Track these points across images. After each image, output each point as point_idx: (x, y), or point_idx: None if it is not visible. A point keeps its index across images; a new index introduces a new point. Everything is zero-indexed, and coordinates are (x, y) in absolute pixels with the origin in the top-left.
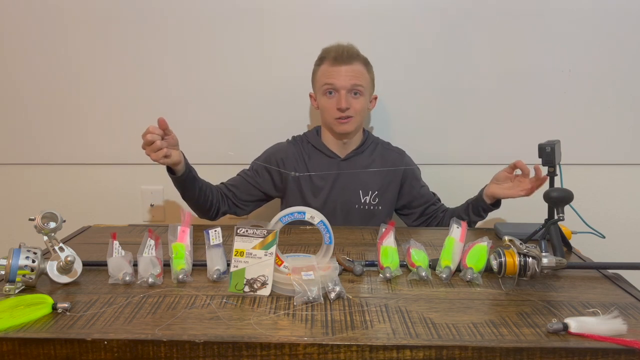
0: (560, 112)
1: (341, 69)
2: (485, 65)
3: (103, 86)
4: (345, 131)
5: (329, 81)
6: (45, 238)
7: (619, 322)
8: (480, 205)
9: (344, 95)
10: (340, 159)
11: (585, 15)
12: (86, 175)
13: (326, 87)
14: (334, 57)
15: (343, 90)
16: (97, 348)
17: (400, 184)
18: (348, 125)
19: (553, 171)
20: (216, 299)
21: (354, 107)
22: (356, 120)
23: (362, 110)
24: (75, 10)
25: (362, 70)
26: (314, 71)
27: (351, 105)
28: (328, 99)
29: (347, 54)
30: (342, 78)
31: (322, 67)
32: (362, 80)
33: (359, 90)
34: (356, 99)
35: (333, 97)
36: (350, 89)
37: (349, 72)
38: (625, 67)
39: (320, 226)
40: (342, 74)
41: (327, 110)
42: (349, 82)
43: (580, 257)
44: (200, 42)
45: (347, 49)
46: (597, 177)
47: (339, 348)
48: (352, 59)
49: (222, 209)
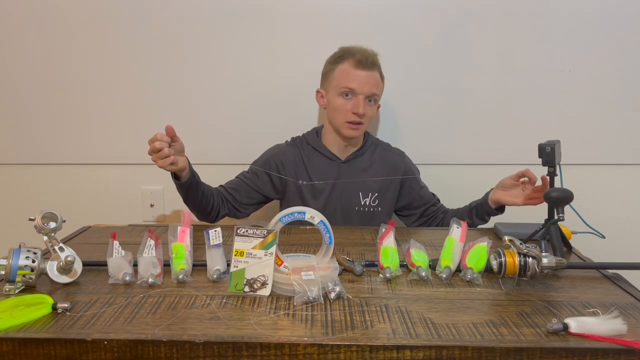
0: (560, 112)
1: (364, 74)
2: (485, 65)
3: (103, 86)
4: (353, 136)
5: (349, 85)
6: (45, 238)
7: (619, 322)
8: (485, 210)
9: (362, 101)
10: (341, 161)
11: (585, 16)
12: (86, 175)
13: (345, 89)
14: (358, 60)
15: (362, 96)
16: (97, 348)
17: (399, 186)
18: (357, 132)
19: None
20: (216, 299)
21: (367, 115)
22: (365, 127)
23: (372, 118)
24: (75, 10)
25: (379, 80)
26: (330, 69)
27: (367, 112)
28: (344, 101)
29: (371, 60)
30: (364, 84)
31: (343, 66)
32: (379, 89)
33: (374, 99)
34: (371, 106)
35: (350, 100)
36: (368, 96)
37: (371, 79)
38: (625, 67)
39: (320, 226)
40: (363, 79)
41: (340, 112)
42: (369, 89)
43: (580, 257)
44: (201, 42)
45: (371, 55)
46: (597, 177)
47: (339, 348)
48: (374, 66)
49: (222, 212)
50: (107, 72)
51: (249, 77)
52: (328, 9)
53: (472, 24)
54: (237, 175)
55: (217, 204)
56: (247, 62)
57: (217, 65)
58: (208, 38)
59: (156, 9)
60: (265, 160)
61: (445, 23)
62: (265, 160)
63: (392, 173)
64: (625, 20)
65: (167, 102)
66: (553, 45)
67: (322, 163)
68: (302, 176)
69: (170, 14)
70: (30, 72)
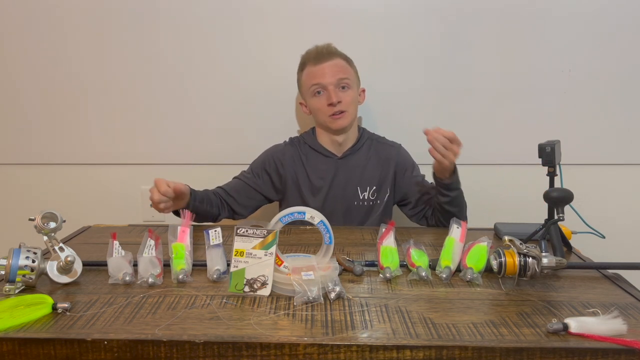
0: (560, 112)
1: (324, 65)
2: (485, 66)
3: (103, 86)
4: (341, 126)
5: (315, 81)
6: (45, 238)
7: (619, 322)
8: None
9: (332, 91)
10: (337, 158)
11: (585, 16)
12: (86, 175)
13: (314, 87)
14: (314, 57)
15: (331, 86)
16: (97, 348)
17: (394, 177)
18: (343, 120)
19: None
20: (216, 299)
21: (345, 101)
22: (350, 114)
23: (353, 103)
24: (75, 10)
25: (344, 64)
26: (299, 77)
27: (342, 98)
28: (318, 99)
29: (326, 51)
30: (328, 74)
31: (306, 70)
32: (347, 73)
33: (346, 84)
34: (345, 92)
35: (322, 96)
36: (338, 84)
37: (333, 67)
38: (625, 67)
39: (320, 226)
40: (325, 70)
41: (319, 110)
42: (335, 76)
43: (580, 257)
44: (201, 42)
45: (325, 47)
46: (597, 177)
47: (339, 348)
48: (332, 55)
49: (222, 215)
50: (107, 72)
51: (248, 78)
52: (328, 9)
53: (472, 24)
54: (237, 176)
55: (216, 209)
56: (247, 63)
57: (216, 65)
58: (208, 38)
59: (156, 9)
60: (264, 159)
61: (445, 23)
62: (264, 160)
63: (387, 165)
64: (625, 20)
65: (166, 102)
66: (553, 45)
67: (319, 161)
68: (301, 174)
69: (171, 14)
70: (30, 72)
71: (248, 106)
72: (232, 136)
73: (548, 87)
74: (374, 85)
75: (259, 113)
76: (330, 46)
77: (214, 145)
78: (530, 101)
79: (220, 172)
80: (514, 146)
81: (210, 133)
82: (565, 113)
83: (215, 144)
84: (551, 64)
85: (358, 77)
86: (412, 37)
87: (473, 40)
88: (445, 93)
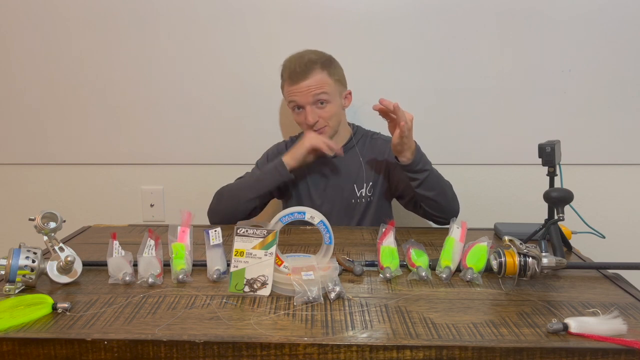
0: (560, 112)
1: (300, 85)
2: (485, 65)
3: (103, 86)
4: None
5: (292, 99)
6: (45, 238)
7: (619, 322)
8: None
9: (309, 112)
10: (332, 156)
11: (585, 16)
12: (86, 175)
13: (291, 104)
14: (289, 76)
15: (308, 106)
16: (97, 348)
17: (387, 171)
18: (324, 134)
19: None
20: (216, 299)
21: (323, 117)
22: (331, 126)
23: (334, 116)
24: (75, 10)
25: (321, 78)
26: (282, 86)
27: (320, 116)
28: (297, 115)
29: (299, 70)
30: (303, 95)
31: (285, 85)
32: (325, 87)
33: (323, 100)
34: (323, 108)
35: (301, 113)
36: (314, 102)
37: (309, 87)
38: (625, 67)
39: (320, 226)
40: (302, 90)
41: (301, 124)
42: (311, 97)
43: (580, 257)
44: (201, 42)
45: (298, 64)
46: (597, 177)
47: (339, 348)
48: (309, 71)
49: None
50: (107, 72)
51: (248, 78)
52: (329, 10)
53: (472, 24)
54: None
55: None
56: (247, 63)
57: (217, 65)
58: (208, 38)
59: (157, 10)
60: (269, 156)
61: (445, 23)
62: (269, 157)
63: (381, 160)
64: (624, 20)
65: (167, 102)
66: (553, 45)
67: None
68: (300, 173)
69: (171, 14)
70: (30, 73)
71: (248, 106)
72: (233, 136)
73: (548, 87)
74: (373, 85)
75: (259, 113)
76: (302, 60)
77: (215, 146)
78: (530, 101)
79: (220, 172)
80: (514, 146)
81: (211, 133)
82: (565, 113)
83: (216, 144)
84: (551, 64)
85: (341, 82)
86: (412, 37)
87: (473, 40)
88: (445, 93)
